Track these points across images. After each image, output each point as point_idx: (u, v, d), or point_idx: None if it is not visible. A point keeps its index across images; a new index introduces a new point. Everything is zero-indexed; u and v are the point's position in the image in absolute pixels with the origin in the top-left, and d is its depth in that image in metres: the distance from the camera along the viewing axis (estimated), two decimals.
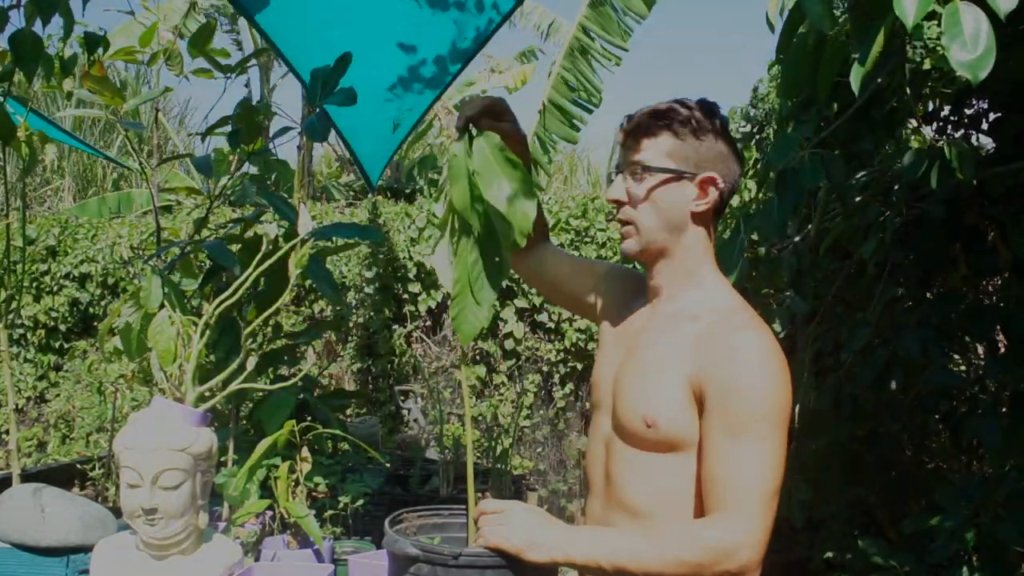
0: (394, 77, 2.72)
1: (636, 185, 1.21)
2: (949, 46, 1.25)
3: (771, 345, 1.14)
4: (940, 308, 2.10)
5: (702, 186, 1.20)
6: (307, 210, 1.60)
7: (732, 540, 1.06)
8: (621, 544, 1.10)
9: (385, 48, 2.55)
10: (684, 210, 1.20)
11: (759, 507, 1.07)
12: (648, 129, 1.21)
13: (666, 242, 1.22)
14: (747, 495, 1.08)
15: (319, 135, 1.80)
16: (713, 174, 1.19)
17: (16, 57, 1.74)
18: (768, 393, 1.11)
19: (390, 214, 5.14)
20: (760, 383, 1.11)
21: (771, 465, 1.09)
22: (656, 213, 1.21)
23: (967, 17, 1.26)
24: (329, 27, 2.52)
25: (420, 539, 1.51)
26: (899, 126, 2.19)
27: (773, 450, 1.10)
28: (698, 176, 1.19)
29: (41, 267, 5.34)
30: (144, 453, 1.30)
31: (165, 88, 2.39)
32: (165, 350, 1.61)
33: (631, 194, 1.22)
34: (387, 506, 3.06)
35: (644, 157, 1.20)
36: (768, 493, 1.08)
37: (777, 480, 1.09)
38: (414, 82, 2.72)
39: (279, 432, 1.71)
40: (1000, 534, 1.86)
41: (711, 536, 1.07)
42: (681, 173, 1.19)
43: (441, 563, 1.29)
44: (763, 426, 1.10)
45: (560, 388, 4.85)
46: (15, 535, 1.86)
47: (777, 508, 1.11)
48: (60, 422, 5.09)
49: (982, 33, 1.25)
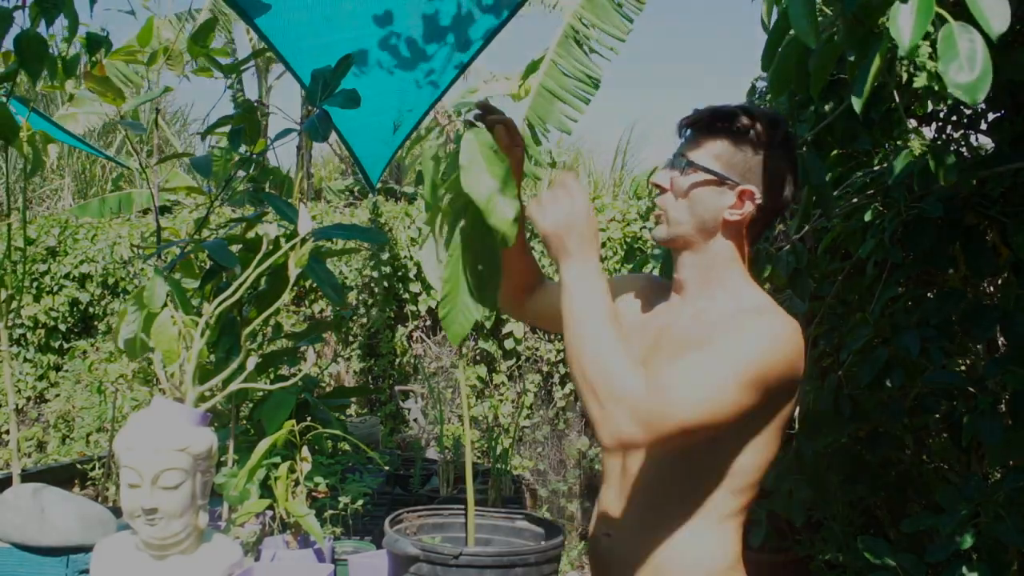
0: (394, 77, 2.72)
1: (680, 177, 1.22)
2: (946, 69, 1.25)
3: (787, 329, 1.12)
4: (940, 308, 2.11)
5: (740, 196, 1.19)
6: (307, 210, 1.60)
7: (635, 403, 1.03)
8: (595, 312, 1.08)
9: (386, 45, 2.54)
10: (717, 215, 1.20)
11: (678, 407, 1.04)
12: (707, 128, 1.22)
13: (694, 240, 1.23)
14: (679, 388, 1.05)
15: (320, 135, 1.80)
16: (753, 188, 1.19)
17: (21, 58, 1.75)
18: (755, 347, 1.08)
19: (390, 214, 5.14)
20: (753, 337, 1.10)
21: (713, 393, 1.05)
22: (690, 210, 1.21)
23: (963, 39, 1.25)
24: (329, 28, 2.52)
25: (420, 539, 1.51)
26: (897, 126, 2.19)
27: (724, 387, 1.06)
28: (739, 186, 1.19)
29: (41, 267, 5.34)
30: (144, 453, 1.30)
31: (165, 88, 2.38)
32: (168, 350, 1.61)
33: (673, 184, 1.23)
34: (387, 506, 3.07)
35: (694, 154, 1.21)
36: (695, 404, 1.04)
37: (707, 412, 1.05)
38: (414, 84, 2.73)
39: (279, 432, 1.71)
40: (1000, 534, 1.86)
41: (630, 383, 1.04)
42: (723, 178, 1.19)
43: (441, 563, 1.30)
44: (731, 364, 1.07)
45: (560, 388, 4.85)
46: (15, 535, 1.86)
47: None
48: (60, 422, 5.09)
49: (978, 54, 1.25)
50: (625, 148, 10.24)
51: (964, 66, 1.24)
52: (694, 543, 1.17)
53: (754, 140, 1.19)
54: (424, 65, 2.66)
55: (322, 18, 2.46)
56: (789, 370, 1.12)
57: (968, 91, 1.25)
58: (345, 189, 8.69)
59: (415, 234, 5.05)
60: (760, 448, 1.16)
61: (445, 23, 2.45)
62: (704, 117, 1.22)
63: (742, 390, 1.07)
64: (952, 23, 1.26)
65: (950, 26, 1.25)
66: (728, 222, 1.20)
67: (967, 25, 1.24)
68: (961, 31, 1.25)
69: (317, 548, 1.83)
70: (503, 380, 4.91)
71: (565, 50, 3.81)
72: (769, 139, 1.20)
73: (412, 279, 5.00)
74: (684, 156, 1.22)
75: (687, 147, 1.24)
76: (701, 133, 1.23)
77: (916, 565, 2.03)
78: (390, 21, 2.41)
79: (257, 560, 1.80)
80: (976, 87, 1.24)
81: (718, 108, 1.22)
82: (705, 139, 1.22)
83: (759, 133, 1.19)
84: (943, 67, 1.25)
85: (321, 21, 2.47)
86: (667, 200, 1.24)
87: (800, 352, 1.14)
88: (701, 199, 1.20)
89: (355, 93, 1.77)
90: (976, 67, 1.24)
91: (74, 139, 3.96)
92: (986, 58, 1.24)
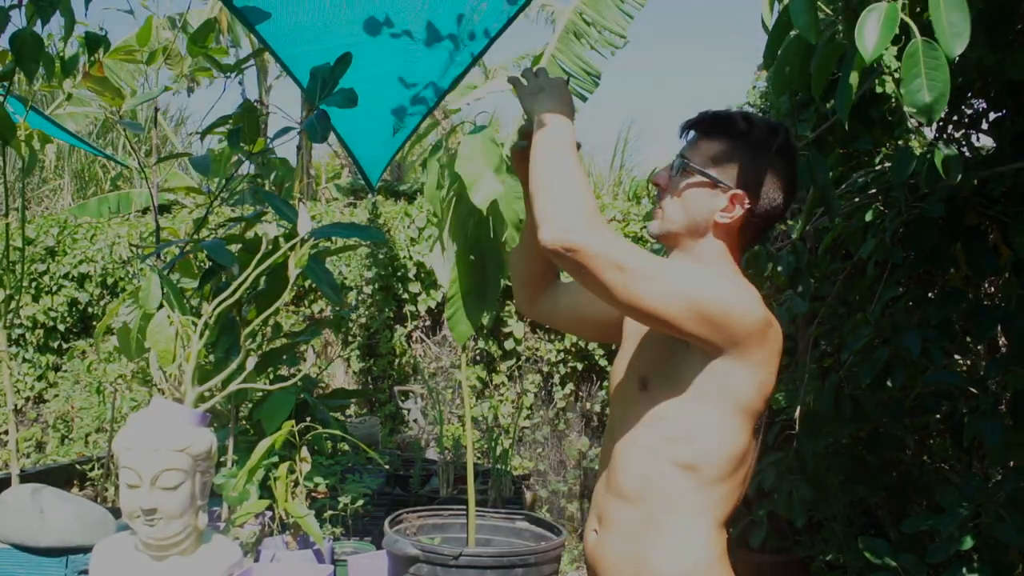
0: (395, 78, 2.72)
1: (677, 177, 1.26)
2: (907, 86, 1.26)
3: (751, 301, 1.17)
4: (940, 308, 2.10)
5: (732, 199, 1.22)
6: (307, 210, 1.60)
7: (591, 217, 1.11)
8: (569, 153, 1.17)
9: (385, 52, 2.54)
10: (709, 216, 1.24)
11: (621, 246, 1.11)
12: (706, 131, 1.26)
13: (684, 238, 1.26)
14: (631, 246, 1.13)
15: (319, 135, 1.79)
16: (744, 192, 1.22)
17: (17, 57, 1.74)
18: (711, 283, 1.15)
19: (389, 214, 5.14)
20: (715, 278, 1.17)
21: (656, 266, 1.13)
22: (683, 208, 1.25)
23: (927, 57, 1.25)
24: (328, 31, 2.51)
25: (420, 539, 1.51)
26: (897, 126, 2.19)
27: (664, 273, 1.13)
28: (731, 190, 1.22)
29: (40, 267, 5.33)
30: (143, 453, 1.30)
31: (165, 87, 2.38)
32: (164, 350, 1.61)
33: (670, 183, 1.27)
34: (387, 506, 3.06)
35: (691, 155, 1.25)
36: (635, 255, 1.11)
37: (642, 271, 1.11)
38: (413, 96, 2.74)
39: (279, 432, 1.71)
40: (1000, 534, 1.86)
41: (591, 205, 1.12)
42: (716, 181, 1.22)
43: (441, 563, 1.29)
44: (682, 274, 1.16)
45: (560, 388, 4.85)
46: (14, 535, 1.86)
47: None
48: (59, 422, 5.08)
49: (940, 74, 1.25)
50: (624, 147, 10.23)
51: (924, 86, 1.25)
52: (669, 539, 1.19)
53: (751, 146, 1.22)
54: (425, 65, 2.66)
55: (322, 23, 2.46)
56: (741, 327, 1.14)
57: (926, 112, 1.26)
58: (346, 187, 8.68)
59: (414, 234, 5.05)
60: (724, 436, 1.18)
61: (444, 31, 2.45)
62: (704, 120, 1.26)
63: (681, 296, 1.12)
64: (918, 40, 1.26)
65: (916, 43, 1.26)
66: (719, 224, 1.24)
67: (933, 43, 1.24)
68: (927, 49, 1.25)
69: (317, 548, 1.82)
70: (503, 380, 4.90)
71: (565, 45, 3.80)
72: (766, 146, 1.23)
73: (412, 279, 5.00)
74: (682, 157, 1.26)
75: (686, 148, 1.27)
76: (701, 136, 1.26)
77: (917, 566, 2.03)
78: (390, 24, 2.41)
79: (257, 561, 1.80)
80: (934, 108, 1.25)
81: (718, 112, 1.26)
82: (704, 142, 1.25)
83: (756, 139, 1.22)
84: (905, 85, 1.26)
85: (322, 25, 2.47)
86: (665, 199, 1.28)
87: (759, 324, 1.16)
88: (694, 199, 1.24)
89: (352, 92, 1.77)
90: (936, 88, 1.25)
91: (74, 138, 3.95)
92: (946, 80, 1.24)
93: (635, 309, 1.13)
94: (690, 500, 1.19)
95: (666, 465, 1.19)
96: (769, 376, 1.19)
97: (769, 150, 1.23)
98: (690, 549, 1.19)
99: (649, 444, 1.21)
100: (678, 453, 1.18)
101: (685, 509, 1.19)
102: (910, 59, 1.26)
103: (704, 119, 1.26)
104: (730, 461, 1.19)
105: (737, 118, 1.24)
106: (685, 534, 1.19)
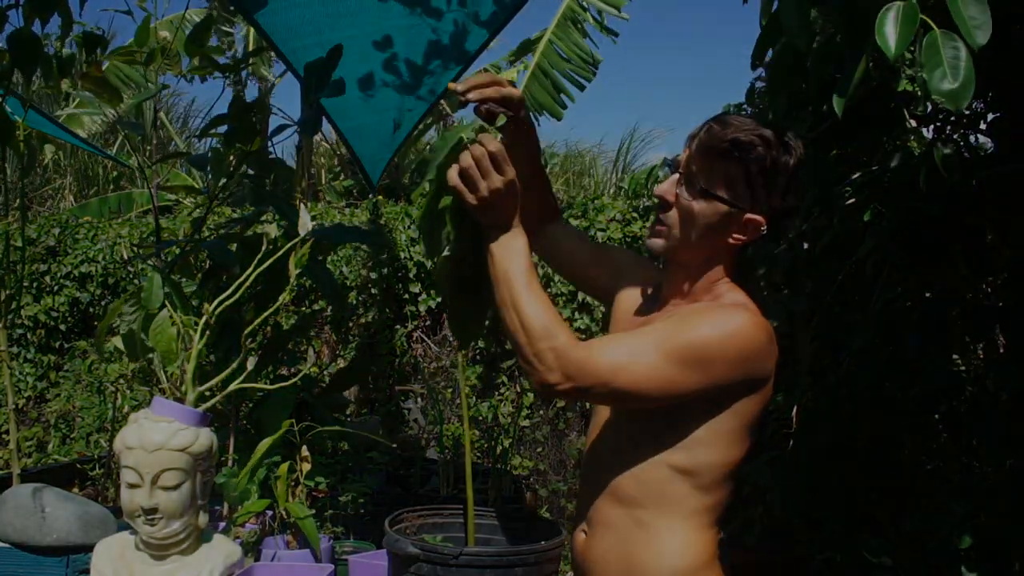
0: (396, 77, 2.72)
1: (687, 197, 1.19)
2: (930, 76, 1.26)
3: (746, 324, 1.15)
4: (940, 308, 2.10)
5: (747, 223, 1.19)
6: (307, 210, 1.60)
7: (563, 351, 1.10)
8: (523, 274, 1.15)
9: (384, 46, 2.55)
10: (722, 239, 1.20)
11: (599, 362, 1.11)
12: (722, 154, 1.17)
13: (692, 259, 1.23)
14: (605, 348, 1.14)
15: (310, 128, 1.80)
16: (760, 218, 1.18)
17: (14, 57, 1.74)
18: (696, 327, 1.14)
19: (390, 214, 5.14)
20: (699, 320, 1.15)
21: (636, 356, 1.12)
22: (695, 232, 1.20)
23: (947, 47, 1.26)
24: (329, 25, 2.52)
25: (420, 539, 1.51)
26: (896, 125, 2.19)
27: (647, 353, 1.12)
28: (746, 214, 1.18)
29: (41, 267, 5.33)
30: (144, 453, 1.30)
31: (163, 85, 2.37)
32: (166, 350, 1.61)
33: (680, 202, 1.20)
34: (387, 506, 3.06)
35: (707, 179, 1.18)
36: (616, 362, 1.11)
37: (626, 374, 1.11)
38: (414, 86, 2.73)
39: (279, 432, 1.71)
40: (1000, 534, 1.86)
41: (558, 334, 1.11)
42: (733, 206, 1.18)
43: (441, 563, 1.30)
44: (663, 336, 1.13)
45: None
46: (15, 535, 1.86)
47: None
48: (60, 422, 5.09)
49: (961, 63, 1.26)
50: (627, 149, 10.26)
51: (948, 74, 1.25)
52: (661, 541, 1.19)
53: (767, 170, 1.17)
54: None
55: (323, 15, 2.46)
56: (741, 362, 1.14)
57: (951, 98, 1.26)
58: (347, 190, 8.68)
59: (415, 234, 5.05)
60: (725, 446, 1.18)
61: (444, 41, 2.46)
62: (722, 142, 1.17)
63: (671, 363, 1.11)
64: (937, 31, 1.26)
65: (935, 34, 1.26)
66: (730, 244, 1.21)
67: (951, 33, 1.25)
68: (945, 39, 1.26)
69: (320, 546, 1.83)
70: (503, 380, 4.90)
71: (563, 31, 3.78)
72: (783, 166, 1.18)
73: (412, 279, 5.00)
74: (697, 179, 1.19)
75: (696, 166, 1.19)
76: (713, 154, 1.18)
77: (916, 565, 2.03)
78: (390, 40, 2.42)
79: (257, 560, 1.80)
80: (959, 94, 1.25)
81: (735, 137, 1.16)
82: (717, 161, 1.18)
83: (774, 161, 1.17)
84: (927, 74, 1.26)
85: (322, 18, 2.48)
86: (670, 217, 1.21)
87: (762, 351, 1.15)
88: (709, 224, 1.19)
89: (341, 81, 1.78)
90: (959, 75, 1.25)
91: (74, 138, 3.96)
92: (969, 66, 1.25)
93: (645, 401, 1.15)
94: (684, 503, 1.19)
95: (663, 469, 1.19)
96: (769, 387, 1.19)
97: (786, 168, 1.18)
98: (682, 551, 1.18)
99: (647, 447, 1.20)
100: (676, 458, 1.18)
101: (679, 512, 1.19)
102: (930, 49, 1.26)
103: (725, 142, 1.16)
104: (727, 468, 1.19)
105: (758, 144, 1.16)
106: (677, 536, 1.19)
